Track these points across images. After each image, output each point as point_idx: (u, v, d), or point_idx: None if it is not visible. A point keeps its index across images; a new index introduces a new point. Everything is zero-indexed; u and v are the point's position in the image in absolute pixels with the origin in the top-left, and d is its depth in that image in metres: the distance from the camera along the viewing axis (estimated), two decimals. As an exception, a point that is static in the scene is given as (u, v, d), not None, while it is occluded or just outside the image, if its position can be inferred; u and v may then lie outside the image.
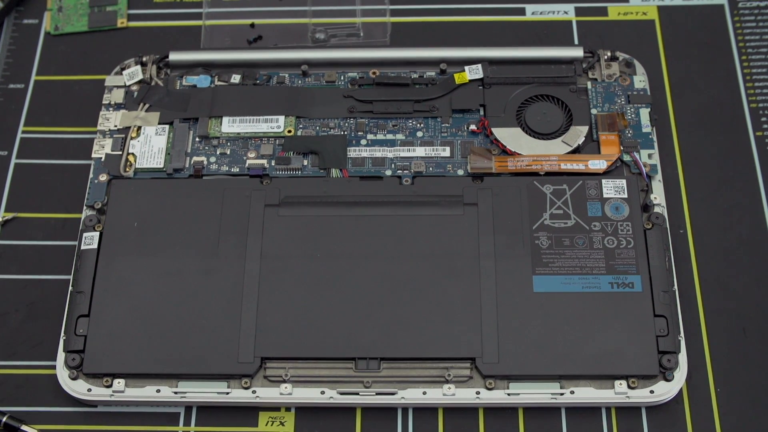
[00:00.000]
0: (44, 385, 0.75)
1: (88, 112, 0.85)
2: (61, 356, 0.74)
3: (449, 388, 0.72)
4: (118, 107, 0.83)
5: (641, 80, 0.83)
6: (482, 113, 0.82)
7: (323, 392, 0.72)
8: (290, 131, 0.81)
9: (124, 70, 0.85)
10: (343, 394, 0.72)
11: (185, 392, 0.72)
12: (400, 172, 0.80)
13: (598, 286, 0.74)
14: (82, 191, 0.81)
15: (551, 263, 0.75)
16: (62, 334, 0.74)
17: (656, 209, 0.77)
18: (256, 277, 0.75)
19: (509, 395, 0.72)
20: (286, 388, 0.72)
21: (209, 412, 0.74)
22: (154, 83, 0.84)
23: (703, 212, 0.81)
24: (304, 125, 0.82)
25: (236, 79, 0.84)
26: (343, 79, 0.84)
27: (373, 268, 0.75)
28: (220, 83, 0.84)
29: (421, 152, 0.81)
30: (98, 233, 0.77)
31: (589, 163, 0.79)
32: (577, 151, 0.80)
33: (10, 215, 0.81)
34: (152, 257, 0.76)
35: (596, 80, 0.83)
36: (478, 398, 0.72)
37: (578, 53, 0.84)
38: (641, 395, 0.72)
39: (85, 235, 0.77)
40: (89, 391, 0.73)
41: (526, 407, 0.73)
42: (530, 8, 0.90)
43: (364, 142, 0.81)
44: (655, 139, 0.80)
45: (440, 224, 0.77)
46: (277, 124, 0.82)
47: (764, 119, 0.84)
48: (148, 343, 0.73)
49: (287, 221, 0.77)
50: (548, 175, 0.79)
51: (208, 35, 0.89)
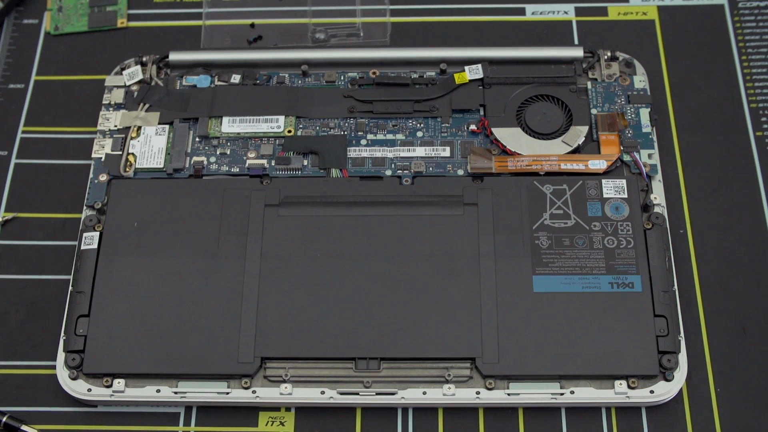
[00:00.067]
0: (44, 385, 0.75)
1: (88, 112, 0.85)
2: (61, 356, 0.74)
3: (449, 388, 0.72)
4: (118, 107, 0.83)
5: (641, 80, 0.83)
6: (482, 113, 0.82)
7: (323, 392, 0.72)
8: (290, 131, 0.81)
9: (124, 70, 0.85)
10: (343, 394, 0.72)
11: (185, 392, 0.72)
12: (400, 172, 0.80)
13: (598, 286, 0.74)
14: (82, 191, 0.81)
15: (551, 263, 0.75)
16: (62, 334, 0.74)
17: (656, 209, 0.77)
18: (256, 277, 0.75)
19: (509, 395, 0.72)
20: (286, 388, 0.72)
21: (209, 412, 0.74)
22: (154, 83, 0.84)
23: (703, 212, 0.80)
24: (304, 125, 0.82)
25: (236, 79, 0.84)
26: (343, 79, 0.84)
27: (373, 268, 0.75)
28: (220, 83, 0.84)
29: (421, 152, 0.80)
30: (98, 233, 0.77)
31: (589, 163, 0.79)
32: (577, 151, 0.80)
33: (10, 215, 0.81)
34: (152, 257, 0.76)
35: (596, 80, 0.83)
36: (478, 398, 0.72)
37: (578, 53, 0.84)
38: (641, 395, 0.72)
39: (85, 235, 0.77)
40: (89, 391, 0.73)
41: (526, 407, 0.73)
42: (530, 8, 0.90)
43: (364, 142, 0.81)
44: (655, 139, 0.80)
45: (440, 224, 0.77)
46: (277, 124, 0.82)
47: (764, 119, 0.84)
48: (148, 343, 0.73)
49: (287, 221, 0.77)
50: (548, 175, 0.79)
51: (208, 35, 0.89)
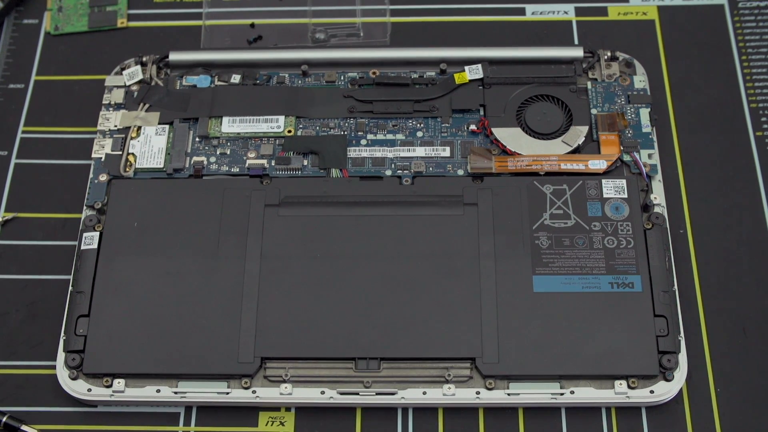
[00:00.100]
0: (44, 385, 0.75)
1: (88, 112, 0.85)
2: (61, 356, 0.73)
3: (449, 388, 0.72)
4: (118, 107, 0.83)
5: (641, 80, 0.83)
6: (482, 113, 0.82)
7: (323, 392, 0.72)
8: (290, 131, 0.81)
9: (124, 70, 0.85)
10: (343, 394, 0.72)
11: (185, 392, 0.72)
12: (400, 172, 0.80)
13: (598, 286, 0.74)
14: (82, 191, 0.81)
15: (551, 263, 0.75)
16: (62, 334, 0.74)
17: (656, 209, 0.77)
18: (256, 277, 0.75)
19: (509, 395, 0.72)
20: (286, 388, 0.72)
21: (209, 412, 0.74)
22: (154, 83, 0.84)
23: (703, 212, 0.80)
24: (304, 125, 0.82)
25: (236, 79, 0.84)
26: (343, 79, 0.84)
27: (373, 268, 0.75)
28: (220, 83, 0.84)
29: (421, 152, 0.80)
30: (98, 233, 0.77)
31: (589, 163, 0.79)
32: (577, 151, 0.80)
33: (10, 215, 0.81)
34: (152, 257, 0.76)
35: (596, 80, 0.83)
36: (478, 398, 0.72)
37: (578, 53, 0.84)
38: (641, 395, 0.72)
39: (85, 235, 0.77)
40: (89, 391, 0.73)
41: (526, 407, 0.73)
42: (530, 8, 0.90)
43: (364, 142, 0.81)
44: (655, 139, 0.80)
45: (440, 224, 0.77)
46: (277, 124, 0.82)
47: (764, 119, 0.84)
48: (148, 343, 0.73)
49: (287, 221, 0.77)
50: (548, 175, 0.79)
51: (208, 35, 0.89)
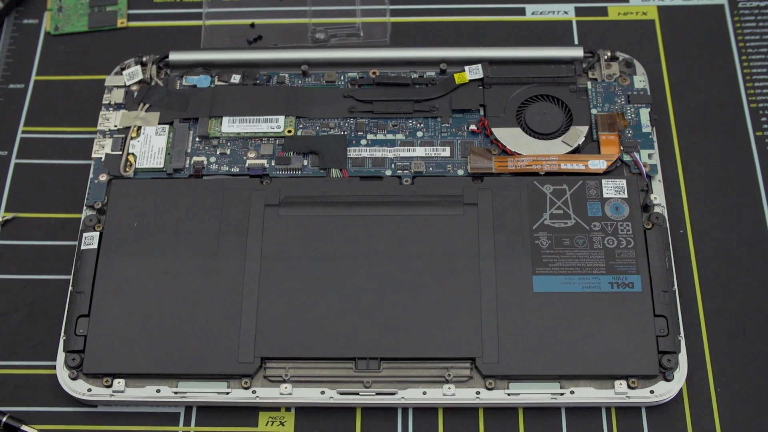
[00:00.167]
0: (44, 385, 0.75)
1: (88, 112, 0.85)
2: (61, 356, 0.73)
3: (449, 388, 0.72)
4: (118, 107, 0.83)
5: (641, 80, 0.83)
6: (482, 113, 0.82)
7: (323, 392, 0.72)
8: (290, 131, 0.81)
9: (124, 70, 0.85)
10: (343, 394, 0.72)
11: (185, 392, 0.72)
12: (400, 172, 0.80)
13: (598, 286, 0.74)
14: (82, 191, 0.81)
15: (551, 263, 0.75)
16: (62, 334, 0.74)
17: (656, 209, 0.77)
18: (256, 277, 0.75)
19: (509, 395, 0.72)
20: (286, 388, 0.72)
21: (209, 412, 0.74)
22: (154, 83, 0.84)
23: (703, 212, 0.80)
24: (304, 125, 0.82)
25: (236, 79, 0.84)
26: (343, 79, 0.84)
27: (373, 268, 0.75)
28: (220, 83, 0.84)
29: (421, 152, 0.80)
30: (98, 233, 0.77)
31: (589, 163, 0.79)
32: (577, 151, 0.80)
33: (10, 215, 0.81)
34: (152, 257, 0.76)
35: (596, 80, 0.83)
36: (478, 398, 0.72)
37: (578, 53, 0.84)
38: (641, 395, 0.72)
39: (85, 235, 0.77)
40: (89, 391, 0.73)
41: (526, 407, 0.73)
42: (530, 8, 0.90)
43: (364, 142, 0.81)
44: (655, 139, 0.80)
45: (440, 224, 0.77)
46: (277, 124, 0.82)
47: (764, 119, 0.84)
48: (148, 343, 0.73)
49: (287, 221, 0.77)
50: (548, 175, 0.79)
51: (208, 35, 0.89)
